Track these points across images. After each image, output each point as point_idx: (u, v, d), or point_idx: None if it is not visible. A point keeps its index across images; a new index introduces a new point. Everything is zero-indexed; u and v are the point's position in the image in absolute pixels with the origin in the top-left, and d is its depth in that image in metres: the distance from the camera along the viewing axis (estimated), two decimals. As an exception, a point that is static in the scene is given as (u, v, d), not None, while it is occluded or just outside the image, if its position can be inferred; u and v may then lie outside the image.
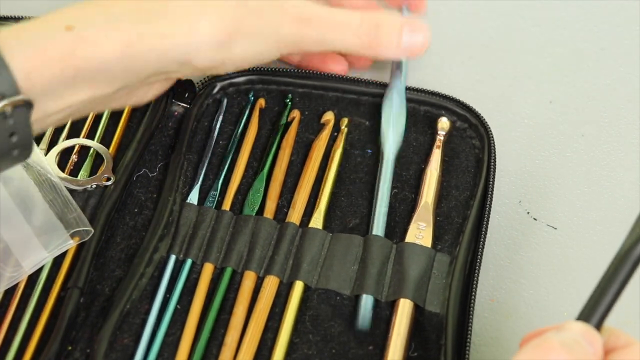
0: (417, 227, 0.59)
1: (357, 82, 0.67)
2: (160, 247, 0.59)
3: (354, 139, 0.65)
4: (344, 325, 0.56)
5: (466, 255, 0.58)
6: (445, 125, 0.63)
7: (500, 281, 0.60)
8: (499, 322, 0.58)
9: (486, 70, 0.71)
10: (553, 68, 0.71)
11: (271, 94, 0.67)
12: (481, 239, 0.58)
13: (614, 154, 0.67)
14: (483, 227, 0.59)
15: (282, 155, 0.63)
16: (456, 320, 0.55)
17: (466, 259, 0.58)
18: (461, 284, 0.57)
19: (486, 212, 0.59)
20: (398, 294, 0.56)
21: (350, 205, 0.61)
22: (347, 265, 0.58)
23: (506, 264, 0.61)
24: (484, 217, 0.59)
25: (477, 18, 0.74)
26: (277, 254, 0.59)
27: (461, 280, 0.57)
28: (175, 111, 0.66)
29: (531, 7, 0.73)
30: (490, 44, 0.73)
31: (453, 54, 0.72)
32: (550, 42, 0.73)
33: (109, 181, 0.61)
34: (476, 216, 0.59)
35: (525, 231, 0.62)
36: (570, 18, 0.74)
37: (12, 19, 0.70)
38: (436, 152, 0.62)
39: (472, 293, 0.56)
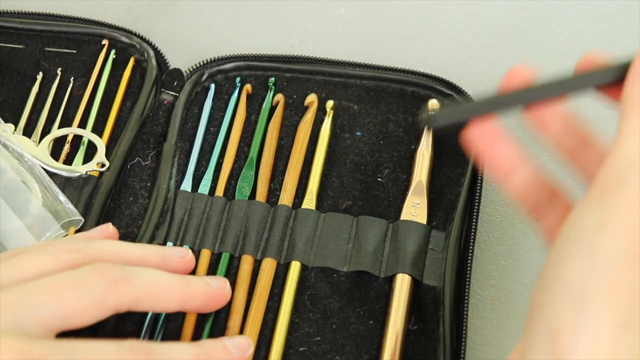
0: (412, 205, 0.60)
1: (344, 65, 0.67)
2: (157, 235, 0.59)
3: (343, 123, 0.65)
4: (343, 301, 0.57)
5: (460, 230, 0.58)
6: (435, 106, 0.64)
7: (501, 281, 0.61)
8: (501, 322, 0.59)
9: (487, 71, 0.71)
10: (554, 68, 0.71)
11: (259, 80, 0.68)
12: (474, 213, 0.59)
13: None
14: (475, 202, 0.59)
15: (269, 139, 0.64)
16: (453, 292, 0.56)
17: (460, 233, 0.58)
18: (456, 257, 0.57)
19: (477, 186, 0.60)
20: (396, 269, 0.57)
21: (342, 186, 0.62)
22: (341, 244, 0.59)
23: (508, 263, 0.61)
24: (475, 191, 0.60)
25: (479, 18, 0.74)
26: (272, 236, 0.59)
27: (456, 254, 0.57)
28: (165, 100, 0.66)
29: (532, 7, 0.74)
30: (492, 44, 0.73)
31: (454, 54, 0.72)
32: (551, 42, 0.73)
33: (103, 167, 0.62)
34: (468, 191, 0.60)
35: (526, 230, 0.63)
36: (570, 18, 0.74)
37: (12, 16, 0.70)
38: (427, 133, 0.63)
39: (467, 265, 0.57)
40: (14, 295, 0.47)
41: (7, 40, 0.69)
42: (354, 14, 0.75)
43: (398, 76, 0.66)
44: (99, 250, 0.53)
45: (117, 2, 0.75)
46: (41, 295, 0.48)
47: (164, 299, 0.52)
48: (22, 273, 0.50)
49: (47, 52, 0.69)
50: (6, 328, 0.46)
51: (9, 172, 0.60)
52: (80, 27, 0.69)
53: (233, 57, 0.68)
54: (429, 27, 0.74)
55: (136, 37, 0.69)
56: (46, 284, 0.48)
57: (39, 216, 0.58)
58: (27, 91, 0.67)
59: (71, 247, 0.52)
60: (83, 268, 0.50)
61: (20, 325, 0.46)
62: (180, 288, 0.53)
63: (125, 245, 0.55)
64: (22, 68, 0.68)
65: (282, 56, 0.68)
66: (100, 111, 0.66)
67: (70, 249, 0.52)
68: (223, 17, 0.75)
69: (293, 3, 0.76)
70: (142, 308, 0.52)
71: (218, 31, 0.74)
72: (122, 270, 0.51)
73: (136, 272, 0.51)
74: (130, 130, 0.64)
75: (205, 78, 0.67)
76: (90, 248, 0.53)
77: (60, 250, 0.52)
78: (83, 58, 0.68)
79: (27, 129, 0.65)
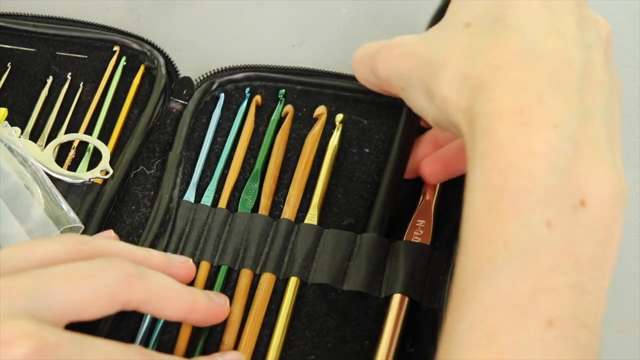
0: (416, 224, 0.59)
1: (355, 80, 0.66)
2: (156, 244, 0.59)
3: (352, 138, 0.64)
4: (340, 319, 0.56)
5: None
6: None
7: None
8: None
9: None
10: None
11: (269, 91, 0.67)
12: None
13: (615, 153, 0.66)
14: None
15: (276, 151, 0.63)
16: None
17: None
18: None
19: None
20: (395, 290, 0.56)
21: (347, 203, 0.61)
22: (342, 262, 0.58)
23: None
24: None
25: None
26: (273, 250, 0.59)
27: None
28: (174, 108, 0.66)
29: None
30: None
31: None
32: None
33: (107, 175, 0.61)
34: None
35: None
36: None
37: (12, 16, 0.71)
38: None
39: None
40: (28, 280, 0.47)
41: (19, 43, 0.69)
42: (355, 14, 0.75)
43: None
44: (105, 246, 0.53)
45: (118, 2, 0.75)
46: (56, 283, 0.47)
47: (170, 305, 0.52)
48: (33, 257, 0.50)
49: (58, 56, 0.69)
50: (22, 312, 0.45)
51: (13, 176, 0.60)
52: (92, 33, 0.69)
53: (244, 67, 0.67)
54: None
55: (147, 45, 0.68)
56: (61, 272, 0.48)
57: (40, 221, 0.58)
58: (36, 95, 0.67)
59: (79, 238, 0.52)
60: (97, 260, 0.50)
61: (34, 311, 0.46)
62: (187, 297, 0.53)
63: (129, 245, 0.55)
64: (33, 71, 0.68)
65: (293, 68, 0.67)
66: (108, 118, 0.65)
67: (78, 240, 0.52)
68: (224, 17, 0.75)
69: (293, 3, 0.75)
70: (148, 310, 0.52)
71: (218, 31, 0.74)
72: (137, 268, 0.50)
73: (149, 272, 0.51)
74: (135, 139, 0.63)
75: (215, 87, 0.67)
76: (97, 242, 0.53)
77: (68, 239, 0.52)
78: (94, 64, 0.68)
79: (34, 133, 0.65)
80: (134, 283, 0.50)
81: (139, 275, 0.50)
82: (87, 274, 0.49)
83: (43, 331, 0.45)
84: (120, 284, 0.49)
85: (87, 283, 0.48)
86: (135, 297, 0.50)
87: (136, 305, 0.50)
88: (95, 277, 0.49)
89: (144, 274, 0.51)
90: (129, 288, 0.50)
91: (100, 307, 0.49)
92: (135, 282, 0.50)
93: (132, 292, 0.50)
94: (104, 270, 0.49)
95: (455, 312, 0.44)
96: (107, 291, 0.49)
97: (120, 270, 0.49)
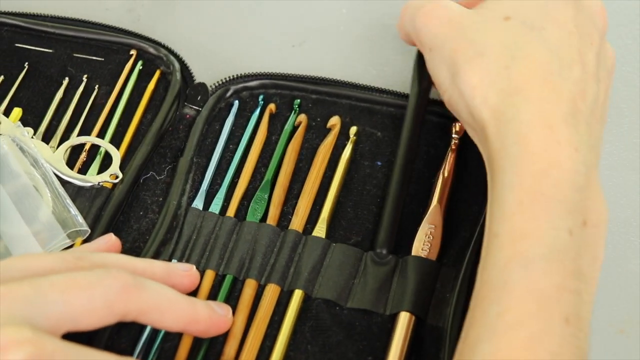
0: (424, 236, 0.58)
1: (371, 90, 0.66)
2: (162, 251, 0.59)
3: (365, 150, 0.64)
4: (343, 334, 0.56)
5: (471, 271, 0.56)
6: (460, 129, 0.62)
7: None
8: None
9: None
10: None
11: (284, 99, 0.67)
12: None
13: (615, 154, 0.66)
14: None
15: (287, 160, 0.63)
16: (456, 334, 0.54)
17: (470, 275, 0.56)
18: (463, 299, 0.55)
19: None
20: (400, 307, 0.55)
21: (356, 217, 0.61)
22: (348, 278, 0.57)
23: None
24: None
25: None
26: (279, 261, 0.58)
27: (463, 296, 0.56)
28: (187, 114, 0.66)
29: None
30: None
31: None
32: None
33: (117, 179, 0.61)
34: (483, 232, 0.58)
35: None
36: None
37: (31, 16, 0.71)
38: (450, 156, 0.62)
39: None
40: (27, 287, 0.47)
41: (37, 43, 0.70)
42: (355, 14, 0.75)
43: (426, 105, 0.65)
44: (103, 259, 0.53)
45: (118, 2, 0.75)
46: (53, 291, 0.47)
47: (170, 315, 0.52)
48: (30, 267, 0.50)
49: (75, 58, 0.69)
50: (20, 319, 0.45)
51: (22, 177, 0.60)
52: (110, 35, 0.69)
53: (259, 75, 0.67)
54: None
55: (164, 49, 0.68)
56: (59, 281, 0.48)
57: (47, 223, 0.58)
58: (51, 95, 0.67)
59: (76, 254, 0.52)
60: (96, 270, 0.50)
61: (32, 319, 0.46)
62: (187, 308, 0.53)
63: (129, 257, 0.55)
64: (49, 72, 0.68)
65: (309, 77, 0.67)
66: (121, 122, 0.65)
67: (75, 255, 0.52)
68: (224, 17, 0.74)
69: (293, 3, 0.75)
70: (147, 320, 0.51)
71: (219, 31, 0.73)
72: (135, 278, 0.50)
73: (148, 283, 0.51)
74: (146, 144, 0.63)
75: (231, 94, 0.67)
76: (95, 257, 0.53)
77: (66, 254, 0.52)
78: (110, 67, 0.68)
79: (47, 134, 0.65)
80: (131, 293, 0.49)
81: (137, 285, 0.50)
82: (85, 284, 0.48)
83: (40, 339, 0.44)
84: (117, 294, 0.49)
85: (84, 292, 0.48)
86: (134, 308, 0.50)
87: (135, 316, 0.50)
88: (93, 287, 0.48)
89: (143, 284, 0.50)
90: (127, 298, 0.49)
91: (98, 317, 0.49)
92: (133, 293, 0.49)
93: (130, 302, 0.49)
94: (102, 280, 0.49)
95: (484, 299, 0.48)
96: (104, 301, 0.48)
97: (118, 280, 0.49)
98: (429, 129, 0.64)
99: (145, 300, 0.50)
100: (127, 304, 0.49)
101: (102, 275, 0.49)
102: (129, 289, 0.49)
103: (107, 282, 0.49)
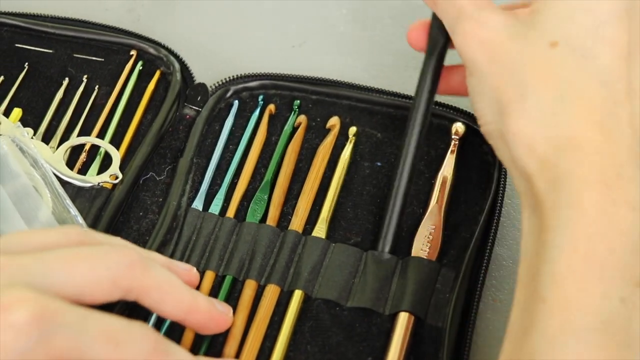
0: (424, 237, 0.58)
1: (371, 91, 0.66)
2: (162, 252, 0.58)
3: (364, 151, 0.64)
4: (343, 335, 0.56)
5: (470, 271, 0.57)
6: (460, 130, 0.62)
7: (502, 281, 0.60)
8: (502, 322, 0.57)
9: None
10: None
11: (284, 100, 0.67)
12: (486, 255, 0.57)
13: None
14: (489, 244, 0.58)
15: (287, 161, 0.63)
16: (455, 334, 0.54)
17: (470, 275, 0.57)
18: (463, 299, 0.56)
19: (492, 227, 0.58)
20: (400, 307, 0.55)
21: (356, 217, 0.61)
22: (348, 277, 0.57)
23: (508, 264, 0.60)
24: (489, 233, 0.58)
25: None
26: (279, 262, 0.58)
27: (463, 296, 0.56)
28: (187, 114, 0.66)
29: None
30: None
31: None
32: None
33: (116, 180, 0.61)
34: (483, 232, 0.58)
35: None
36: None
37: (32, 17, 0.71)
38: (450, 157, 0.62)
39: (473, 308, 0.55)
40: (29, 259, 0.47)
41: (37, 43, 0.70)
42: (355, 14, 0.75)
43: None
44: (108, 239, 0.53)
45: (118, 2, 0.75)
46: (57, 262, 0.47)
47: (171, 299, 0.51)
48: (34, 242, 0.49)
49: (75, 58, 0.69)
50: (23, 284, 0.45)
51: (22, 177, 0.60)
52: (110, 36, 0.69)
53: (259, 75, 0.67)
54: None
55: (164, 50, 0.68)
56: (63, 253, 0.48)
57: (47, 224, 0.58)
58: (51, 96, 0.67)
59: (79, 230, 0.52)
60: (103, 245, 0.50)
61: (34, 285, 0.45)
62: (188, 295, 0.53)
63: (133, 245, 0.55)
64: (49, 72, 0.68)
65: (309, 78, 0.67)
66: (121, 122, 0.65)
67: (80, 232, 0.51)
68: (224, 17, 0.75)
69: (293, 3, 0.75)
70: (148, 301, 0.51)
71: (218, 31, 0.74)
72: (141, 256, 0.50)
73: (152, 263, 0.51)
74: (146, 145, 0.63)
75: (231, 94, 0.67)
76: (99, 236, 0.53)
77: (70, 229, 0.52)
78: (110, 67, 0.68)
79: (47, 134, 0.65)
80: (136, 270, 0.49)
81: (143, 263, 0.50)
82: (90, 256, 0.48)
83: (43, 298, 0.44)
84: (123, 269, 0.49)
85: (89, 265, 0.48)
86: (137, 285, 0.49)
87: (137, 294, 0.50)
88: (99, 260, 0.48)
89: (148, 263, 0.50)
90: (132, 274, 0.49)
91: (102, 291, 0.48)
92: (138, 269, 0.49)
93: (134, 278, 0.49)
94: (108, 254, 0.49)
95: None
96: (109, 275, 0.48)
97: (125, 256, 0.49)
98: (429, 130, 0.64)
99: (148, 278, 0.50)
100: (132, 280, 0.49)
101: (109, 250, 0.49)
102: (134, 265, 0.49)
103: (114, 256, 0.49)
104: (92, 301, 0.48)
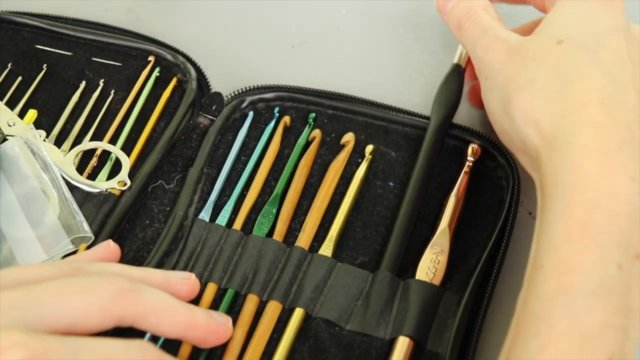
0: (429, 261, 0.57)
1: (388, 109, 0.65)
2: (165, 262, 0.58)
3: (378, 169, 0.63)
4: (341, 356, 0.55)
5: (474, 298, 0.56)
6: (475, 150, 0.61)
7: (502, 280, 0.58)
8: (504, 325, 0.56)
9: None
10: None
11: (300, 113, 0.66)
12: (490, 282, 0.56)
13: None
14: (494, 271, 0.56)
15: (298, 175, 0.62)
16: None
17: (474, 301, 0.55)
18: (464, 325, 0.54)
19: (500, 254, 0.57)
20: (400, 332, 0.54)
21: (364, 238, 0.60)
22: (351, 299, 0.56)
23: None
24: (496, 260, 0.57)
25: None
26: (282, 278, 0.57)
27: (465, 322, 0.55)
28: (201, 123, 0.65)
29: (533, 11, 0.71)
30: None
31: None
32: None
33: (125, 186, 0.61)
34: (491, 258, 0.57)
35: (528, 232, 0.59)
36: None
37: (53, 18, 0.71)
38: (463, 178, 0.61)
39: (474, 335, 0.54)
40: (20, 293, 0.47)
41: (57, 45, 0.70)
42: (355, 14, 0.74)
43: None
44: (100, 269, 0.53)
45: (117, 3, 0.75)
46: (48, 295, 0.47)
47: (167, 320, 0.51)
48: (26, 276, 0.50)
49: (94, 62, 0.69)
50: (11, 323, 0.45)
51: (32, 180, 0.60)
52: (129, 41, 0.69)
53: (276, 87, 0.66)
54: (431, 28, 0.72)
55: (181, 57, 0.68)
56: (53, 286, 0.48)
57: (52, 228, 0.58)
58: (67, 98, 0.67)
59: (73, 264, 0.52)
60: (91, 275, 0.50)
61: (25, 322, 0.46)
62: (185, 313, 0.52)
63: (127, 267, 0.55)
64: (67, 75, 0.68)
65: (326, 92, 0.66)
66: (134, 128, 0.65)
67: (72, 266, 0.52)
68: (223, 17, 0.74)
69: (293, 3, 0.75)
70: (144, 326, 0.51)
71: (218, 32, 0.73)
72: (130, 282, 0.50)
73: (144, 287, 0.51)
74: (157, 152, 0.63)
75: (246, 105, 0.66)
76: (92, 267, 0.53)
77: (62, 264, 0.52)
78: (127, 72, 0.68)
79: (60, 137, 0.64)
80: (127, 297, 0.49)
81: (133, 289, 0.50)
82: (79, 288, 0.48)
83: (31, 339, 0.44)
84: (112, 298, 0.49)
85: (79, 296, 0.48)
86: (130, 312, 0.49)
87: (131, 320, 0.50)
88: (88, 291, 0.48)
89: (139, 288, 0.50)
90: (123, 302, 0.49)
91: (94, 320, 0.48)
92: (128, 297, 0.49)
93: (126, 306, 0.49)
94: (97, 284, 0.49)
95: (525, 331, 0.46)
96: (100, 305, 0.48)
97: (114, 284, 0.49)
98: (443, 152, 0.63)
99: (142, 304, 0.50)
100: (124, 308, 0.49)
101: (98, 280, 0.49)
102: (125, 293, 0.49)
103: (103, 286, 0.49)
104: (85, 331, 0.48)
